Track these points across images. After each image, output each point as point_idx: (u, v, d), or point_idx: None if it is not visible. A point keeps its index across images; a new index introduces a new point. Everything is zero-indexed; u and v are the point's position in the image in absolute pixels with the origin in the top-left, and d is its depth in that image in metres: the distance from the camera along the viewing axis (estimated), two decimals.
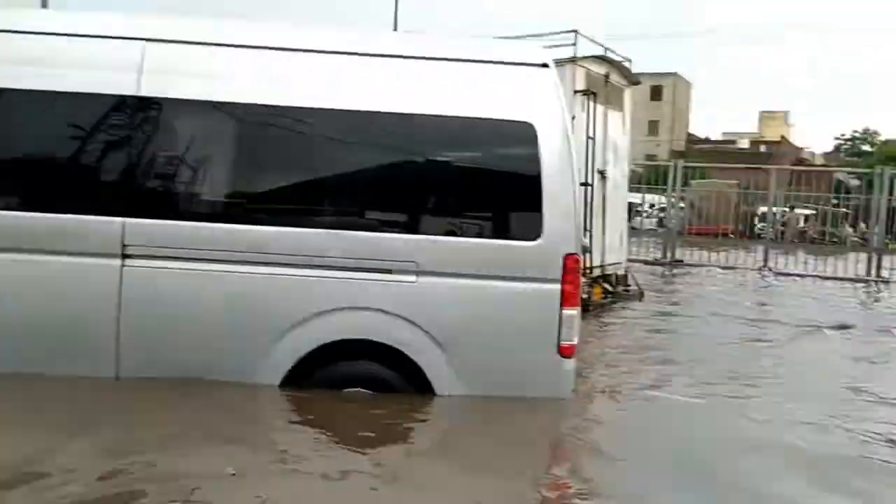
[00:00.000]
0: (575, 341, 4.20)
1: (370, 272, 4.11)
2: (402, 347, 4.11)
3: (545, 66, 4.29)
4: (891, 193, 15.58)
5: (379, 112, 4.21)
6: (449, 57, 4.31)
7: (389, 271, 4.12)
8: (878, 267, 14.88)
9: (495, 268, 4.15)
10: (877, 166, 17.76)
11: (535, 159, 4.13)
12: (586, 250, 6.69)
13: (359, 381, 4.17)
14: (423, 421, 4.10)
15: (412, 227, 4.23)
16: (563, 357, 4.16)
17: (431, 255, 4.13)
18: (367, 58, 4.31)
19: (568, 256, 4.13)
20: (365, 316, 4.13)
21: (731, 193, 18.72)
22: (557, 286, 4.11)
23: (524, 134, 4.15)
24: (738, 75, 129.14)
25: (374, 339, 4.12)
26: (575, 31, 8.48)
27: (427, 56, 4.31)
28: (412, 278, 4.11)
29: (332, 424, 3.89)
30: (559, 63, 8.63)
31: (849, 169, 37.18)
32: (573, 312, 4.15)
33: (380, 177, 4.32)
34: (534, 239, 4.14)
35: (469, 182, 4.38)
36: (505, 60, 4.32)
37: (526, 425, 4.14)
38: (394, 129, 4.25)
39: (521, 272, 4.14)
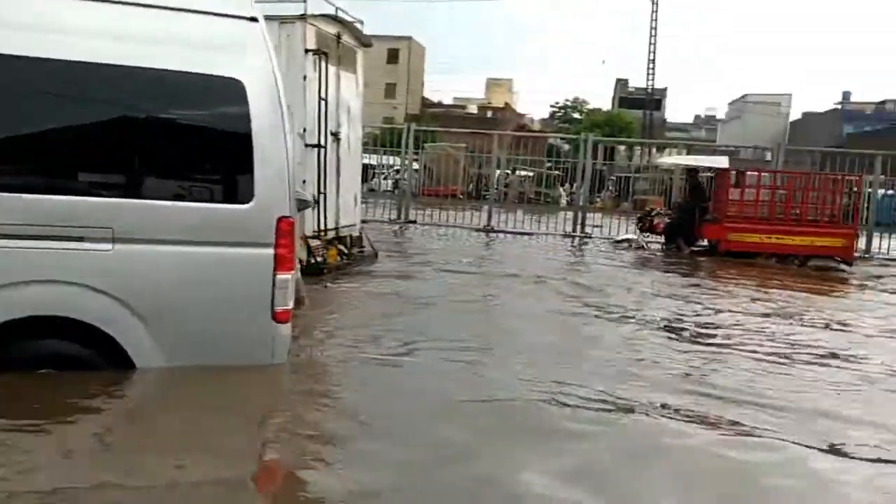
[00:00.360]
0: (290, 306, 4.13)
1: (59, 240, 3.68)
2: (96, 323, 3.74)
3: (254, 19, 4.06)
4: (595, 157, 17.52)
5: (61, 60, 3.72)
6: (147, 3, 3.92)
7: (81, 239, 3.72)
8: (583, 223, 16.70)
9: (204, 233, 3.92)
10: (583, 133, 19.84)
11: (244, 118, 3.92)
12: (307, 206, 6.63)
13: (52, 361, 3.75)
14: (118, 398, 3.80)
15: (106, 190, 3.84)
16: (278, 322, 4.06)
17: (129, 220, 3.78)
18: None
19: (281, 219, 4.00)
20: (53, 290, 3.71)
21: (459, 156, 19.81)
22: (271, 250, 3.98)
23: (232, 91, 3.92)
24: (470, 41, 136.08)
25: (65, 314, 3.71)
26: None
27: (133, 2, 3.90)
28: (107, 246, 3.75)
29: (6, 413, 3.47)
30: (288, 20, 8.46)
31: (561, 135, 41.29)
32: (287, 277, 4.06)
33: (66, 133, 3.87)
34: (245, 202, 3.96)
35: (172, 141, 4.06)
36: (210, 11, 4.02)
37: (240, 393, 4.06)
38: (81, 80, 3.80)
39: (231, 237, 3.97)
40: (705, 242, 13.58)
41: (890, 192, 18.09)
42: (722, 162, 15.02)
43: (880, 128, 58.71)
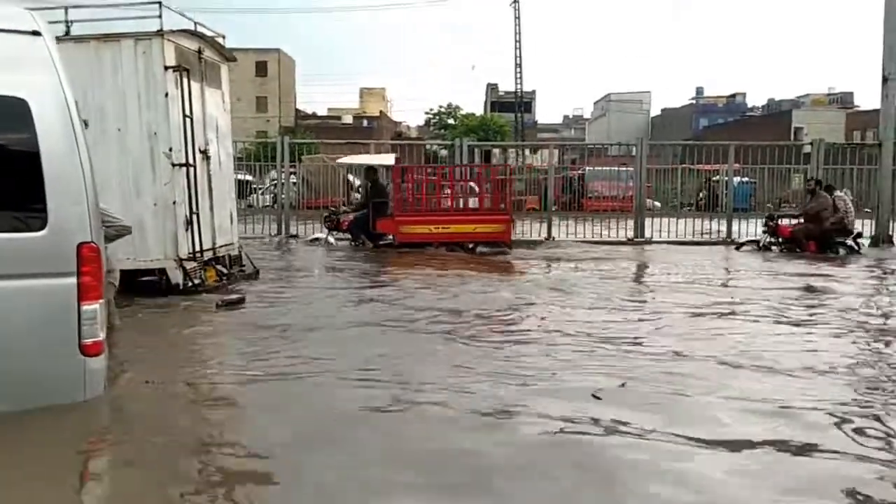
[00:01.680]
0: (101, 337, 3.87)
1: None
2: None
3: (36, 33, 3.85)
4: (471, 161, 17.84)
5: None
6: None
7: None
8: None
9: None
10: (457, 138, 20.16)
11: (32, 141, 3.67)
12: (126, 232, 6.34)
13: None
14: None
15: None
16: (88, 356, 3.81)
17: None
18: None
19: (83, 245, 3.76)
20: None
21: (338, 167, 19.62)
22: (73, 279, 3.73)
23: (16, 111, 3.67)
24: (340, 52, 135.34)
25: None
26: (159, 3, 7.95)
27: None
28: None
29: None
30: (144, 37, 8.14)
31: (438, 141, 41.78)
32: (95, 306, 3.81)
33: None
34: (38, 229, 3.71)
35: None
36: None
37: (55, 433, 3.75)
38: None
39: (26, 267, 3.69)
40: (391, 237, 14.09)
41: (745, 179, 19.39)
42: (389, 159, 15.72)
43: (731, 120, 63.10)
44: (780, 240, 14.11)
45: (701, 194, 21.02)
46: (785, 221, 14.35)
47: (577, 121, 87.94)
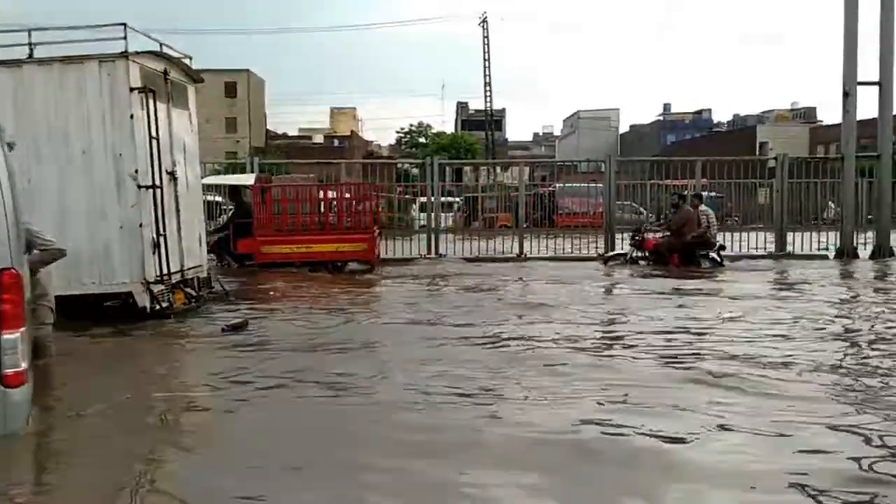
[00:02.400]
0: (22, 367, 3.72)
1: None
2: None
3: None
4: (443, 179, 17.86)
5: None
6: None
7: None
8: (437, 244, 16.94)
9: None
10: (428, 157, 20.19)
11: None
12: (60, 255, 6.02)
13: None
14: None
15: None
16: (8, 387, 3.68)
17: None
18: None
19: (2, 272, 3.64)
20: None
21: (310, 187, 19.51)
22: None
23: None
24: (312, 72, 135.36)
25: None
26: (124, 25, 7.88)
27: None
28: None
29: None
30: (108, 58, 8.06)
31: (409, 160, 41.84)
32: (15, 336, 3.66)
33: None
34: None
35: None
36: None
37: None
38: None
39: None
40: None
41: (713, 193, 19.65)
42: (248, 179, 15.35)
43: (698, 136, 64.09)
44: (647, 253, 14.44)
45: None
46: (651, 235, 14.69)
47: (548, 138, 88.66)
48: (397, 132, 68.77)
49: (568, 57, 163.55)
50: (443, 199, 19.02)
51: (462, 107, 70.36)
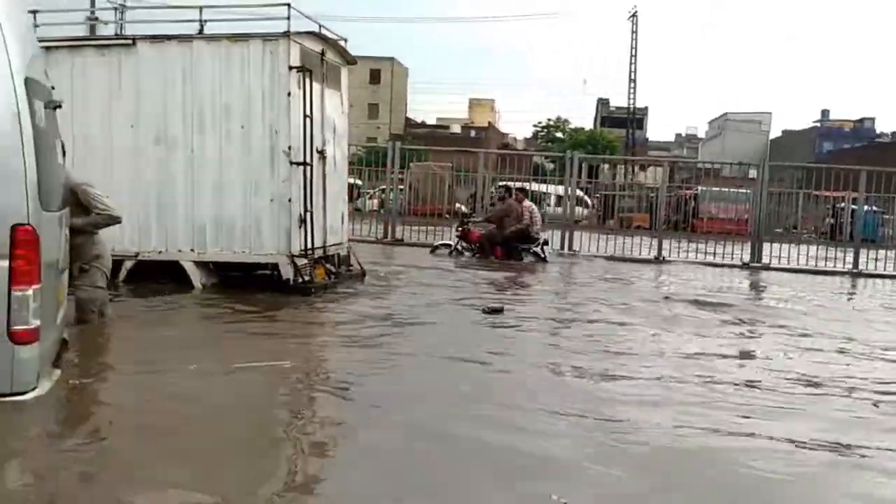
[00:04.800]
0: (32, 325, 3.75)
1: None
2: None
3: None
4: (579, 176, 17.51)
5: None
6: None
7: None
8: (571, 241, 16.63)
9: None
10: (568, 151, 19.85)
11: None
12: (115, 221, 6.17)
13: None
14: None
15: None
16: (17, 343, 3.72)
17: None
18: None
19: (17, 227, 3.69)
20: None
21: (445, 175, 19.69)
22: (5, 262, 3.67)
23: None
24: (451, 63, 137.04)
25: None
26: (288, 5, 8.17)
27: None
28: None
29: None
30: (271, 38, 8.37)
31: (546, 153, 41.43)
32: (27, 292, 3.70)
33: None
34: None
35: None
36: None
37: None
38: None
39: None
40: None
41: (873, 208, 18.19)
42: None
43: (859, 145, 59.56)
44: (472, 245, 14.03)
45: (827, 220, 19.89)
46: (474, 227, 14.37)
47: (690, 140, 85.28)
48: (534, 126, 68.40)
49: (715, 57, 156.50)
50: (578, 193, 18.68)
51: (603, 103, 68.87)
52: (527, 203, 14.28)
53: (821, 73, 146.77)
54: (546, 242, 14.46)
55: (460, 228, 14.47)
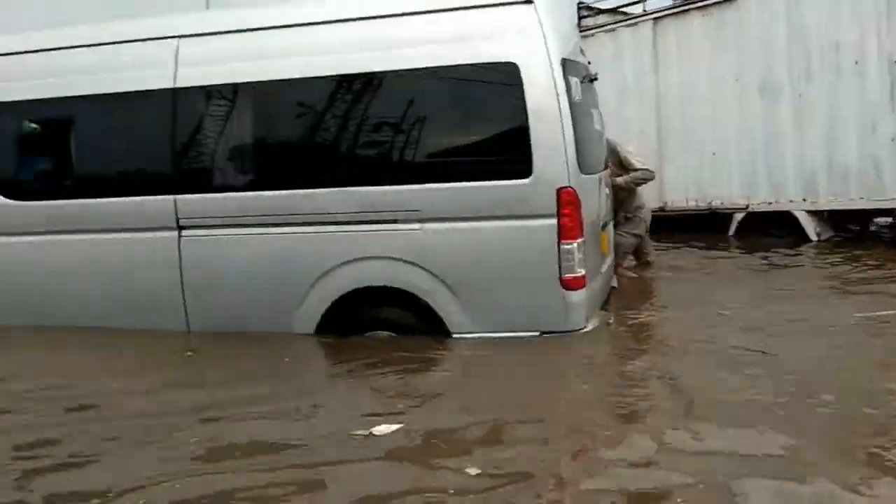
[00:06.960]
0: (579, 273, 4.20)
1: (380, 224, 4.35)
2: (415, 292, 4.32)
3: (528, 2, 4.26)
4: None
5: (373, 73, 4.40)
6: (434, 9, 4.41)
7: (395, 221, 4.33)
8: None
9: (492, 208, 4.25)
10: None
11: (520, 101, 4.17)
12: (644, 180, 6.61)
13: (381, 325, 4.45)
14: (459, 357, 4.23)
15: (412, 178, 4.37)
16: (567, 289, 4.19)
17: (431, 202, 4.30)
18: (355, 22, 4.49)
19: (562, 190, 4.15)
20: (379, 264, 4.37)
21: None
22: (553, 221, 4.17)
23: (509, 74, 4.19)
24: None
25: (389, 284, 4.35)
26: None
27: (413, 11, 4.43)
28: (416, 226, 4.30)
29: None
30: None
31: None
32: (573, 245, 4.18)
33: (380, 135, 4.49)
34: (525, 176, 4.18)
35: (460, 128, 4.50)
36: (486, 3, 4.34)
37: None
38: (388, 88, 4.42)
39: (516, 210, 4.22)
40: None
41: None
42: None
43: None
44: None
45: None
46: None
47: None
48: None
49: None
50: None
51: None
52: None
53: None
54: None
55: None
